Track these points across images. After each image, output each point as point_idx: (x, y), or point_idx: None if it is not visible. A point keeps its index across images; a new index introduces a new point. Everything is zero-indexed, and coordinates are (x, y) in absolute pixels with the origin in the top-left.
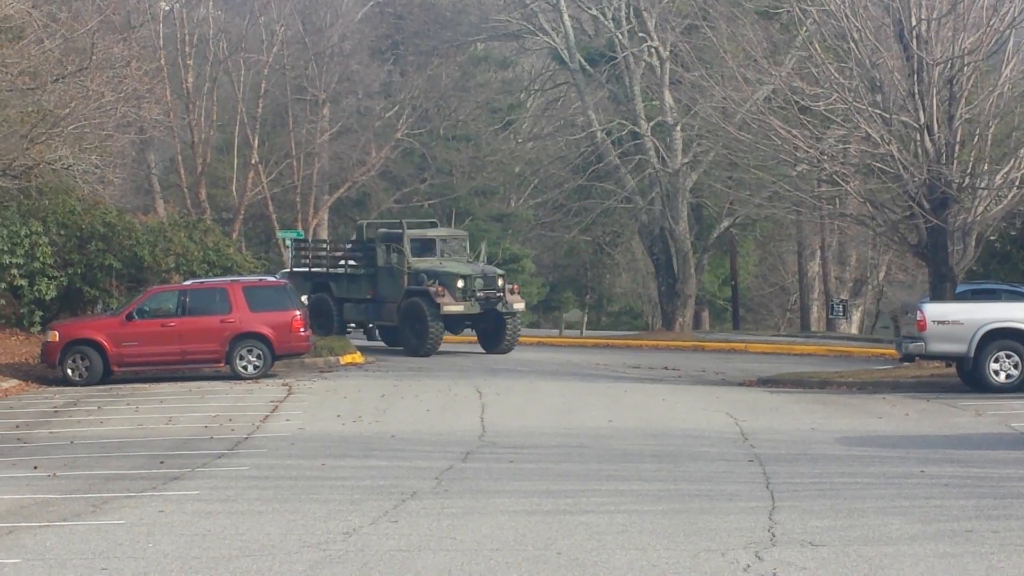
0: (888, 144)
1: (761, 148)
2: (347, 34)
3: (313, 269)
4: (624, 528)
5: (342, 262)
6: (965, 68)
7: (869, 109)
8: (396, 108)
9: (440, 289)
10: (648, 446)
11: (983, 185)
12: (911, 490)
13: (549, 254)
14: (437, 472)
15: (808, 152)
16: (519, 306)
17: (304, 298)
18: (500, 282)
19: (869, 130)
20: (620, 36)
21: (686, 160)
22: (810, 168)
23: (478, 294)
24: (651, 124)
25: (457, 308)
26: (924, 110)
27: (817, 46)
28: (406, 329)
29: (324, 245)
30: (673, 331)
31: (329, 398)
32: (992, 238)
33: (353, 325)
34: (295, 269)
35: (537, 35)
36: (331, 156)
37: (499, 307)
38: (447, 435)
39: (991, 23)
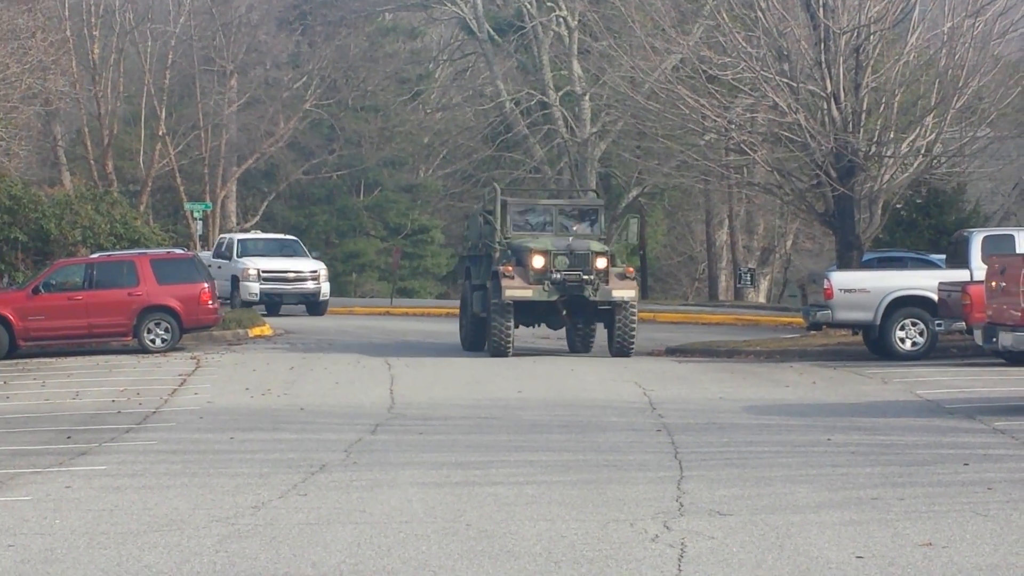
0: (795, 113)
1: (669, 117)
2: (254, 4)
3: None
4: (533, 499)
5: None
6: (871, 37)
7: (776, 78)
8: (304, 79)
9: (507, 269)
10: (557, 417)
11: (889, 153)
12: (818, 458)
13: (458, 224)
14: (346, 445)
15: (716, 121)
16: (622, 294)
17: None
18: (600, 261)
19: (776, 99)
20: (528, 6)
21: (594, 130)
22: (718, 137)
23: (554, 275)
24: (560, 94)
25: (523, 293)
26: (831, 79)
27: (725, 15)
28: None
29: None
30: None
31: (238, 371)
32: (898, 206)
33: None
34: (469, 254)
35: (445, 5)
36: (239, 127)
37: (587, 293)
38: (356, 408)
39: None
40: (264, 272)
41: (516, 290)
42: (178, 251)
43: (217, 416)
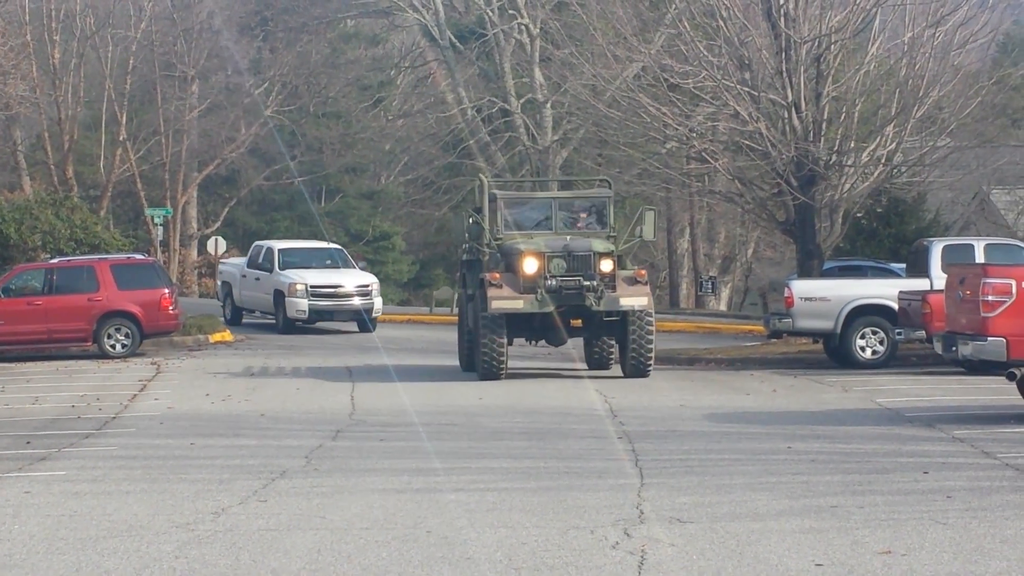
0: (756, 122)
1: (631, 125)
2: (216, 10)
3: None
4: (494, 506)
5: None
6: (832, 46)
7: (738, 87)
8: (265, 85)
9: (494, 276)
10: (518, 424)
11: (850, 162)
12: (778, 466)
13: (419, 231)
14: (307, 451)
15: (677, 129)
16: (631, 302)
17: None
18: (605, 263)
19: (738, 108)
20: (490, 13)
21: (556, 137)
22: (679, 145)
23: (548, 282)
24: (521, 101)
25: (512, 304)
26: (792, 88)
27: (686, 24)
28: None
29: (463, 218)
30: None
31: (198, 377)
32: (859, 215)
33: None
34: (466, 258)
35: (407, 12)
36: (200, 133)
37: (588, 302)
38: (317, 413)
39: (857, 2)
40: (313, 287)
41: (504, 301)
42: (139, 256)
43: (177, 422)
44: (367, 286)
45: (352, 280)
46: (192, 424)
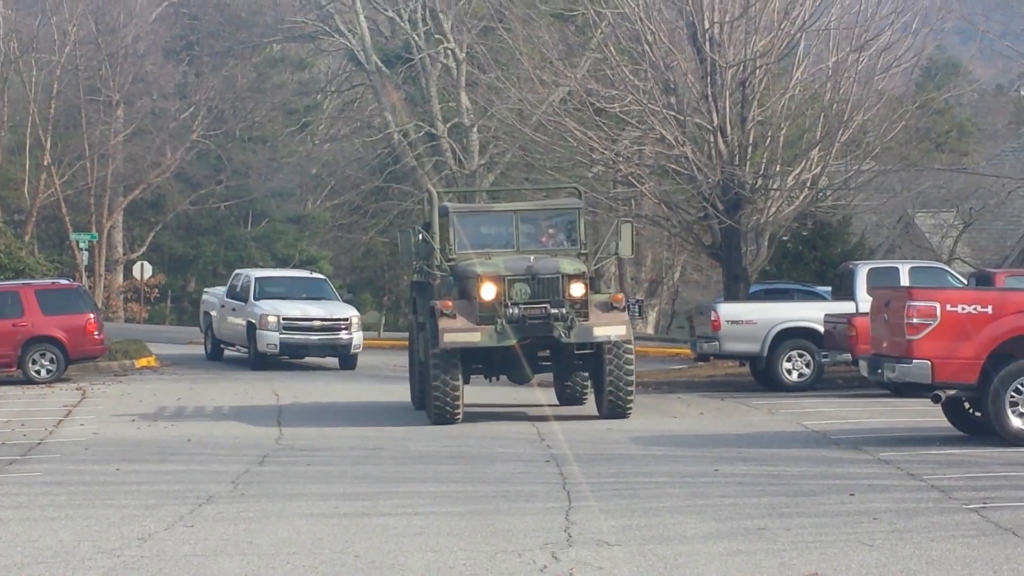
0: (682, 146)
1: (557, 149)
2: (141, 34)
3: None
4: (421, 530)
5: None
6: (757, 71)
7: (663, 111)
8: (191, 109)
9: (446, 304)
10: (445, 448)
11: (775, 186)
12: (705, 489)
13: (346, 256)
14: (233, 476)
15: (604, 154)
16: (607, 332)
17: None
18: (576, 287)
19: (664, 132)
20: (416, 38)
21: (483, 161)
22: (606, 169)
23: (510, 310)
24: (448, 126)
25: (467, 338)
26: (717, 112)
27: (612, 48)
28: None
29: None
30: None
31: (124, 402)
32: (785, 239)
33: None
34: (417, 279)
35: (333, 36)
36: (125, 157)
37: (557, 333)
38: (244, 438)
39: (782, 27)
40: (286, 320)
41: (458, 334)
42: (64, 282)
43: (103, 447)
44: (346, 319)
45: (330, 313)
46: (118, 449)
